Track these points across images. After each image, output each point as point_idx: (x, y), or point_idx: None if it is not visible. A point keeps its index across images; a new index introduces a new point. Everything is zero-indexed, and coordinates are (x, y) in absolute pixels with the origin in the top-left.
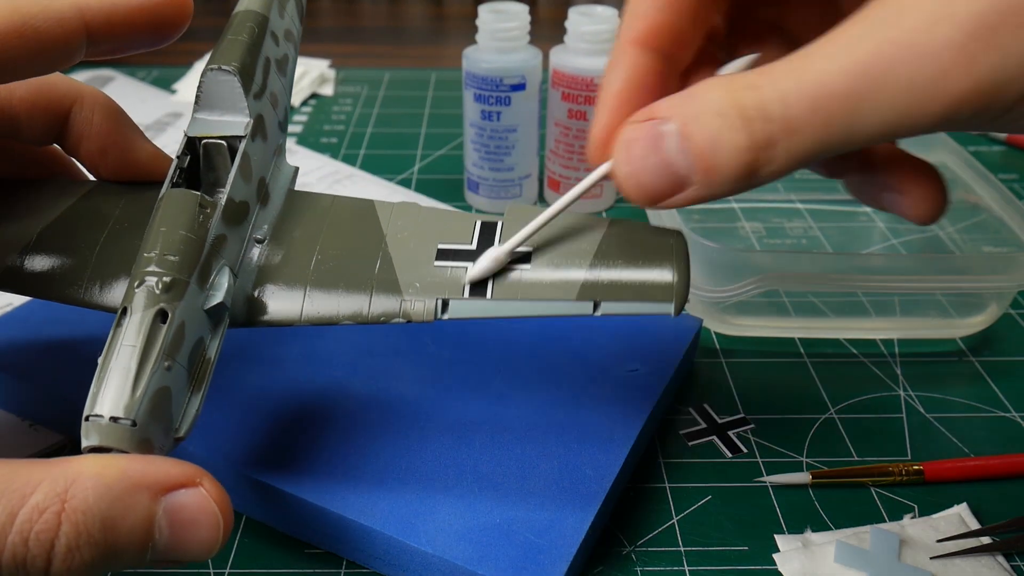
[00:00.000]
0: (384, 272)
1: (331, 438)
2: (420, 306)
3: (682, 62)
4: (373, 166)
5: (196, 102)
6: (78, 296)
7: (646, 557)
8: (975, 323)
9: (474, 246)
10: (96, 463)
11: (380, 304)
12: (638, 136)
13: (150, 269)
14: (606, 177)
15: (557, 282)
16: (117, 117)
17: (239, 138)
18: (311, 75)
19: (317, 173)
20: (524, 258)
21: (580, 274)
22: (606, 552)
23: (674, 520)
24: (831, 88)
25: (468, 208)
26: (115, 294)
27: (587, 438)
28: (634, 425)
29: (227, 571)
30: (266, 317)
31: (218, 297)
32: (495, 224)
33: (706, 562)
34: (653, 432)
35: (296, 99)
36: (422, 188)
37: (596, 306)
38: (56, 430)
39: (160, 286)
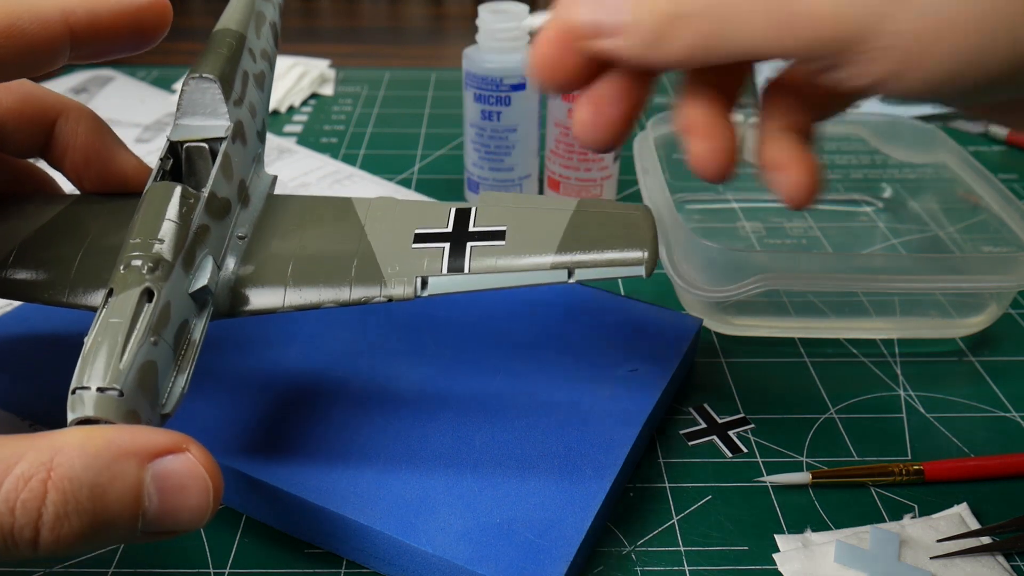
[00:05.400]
0: (363, 258)
1: (331, 437)
2: (400, 286)
3: None
4: (373, 166)
5: (178, 109)
6: (62, 298)
7: (646, 557)
8: (975, 323)
9: (450, 228)
10: (81, 433)
11: (361, 286)
12: None
13: (136, 253)
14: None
15: (532, 253)
16: (101, 129)
17: (220, 140)
18: (311, 75)
19: (317, 173)
20: (497, 236)
21: (552, 246)
22: (606, 552)
23: (674, 520)
24: None
25: None
26: (98, 297)
27: (587, 438)
28: (634, 425)
29: (227, 571)
30: (249, 306)
31: (202, 281)
32: (469, 209)
33: (706, 562)
34: (653, 432)
35: (296, 99)
36: (422, 188)
37: (571, 273)
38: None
39: (146, 267)
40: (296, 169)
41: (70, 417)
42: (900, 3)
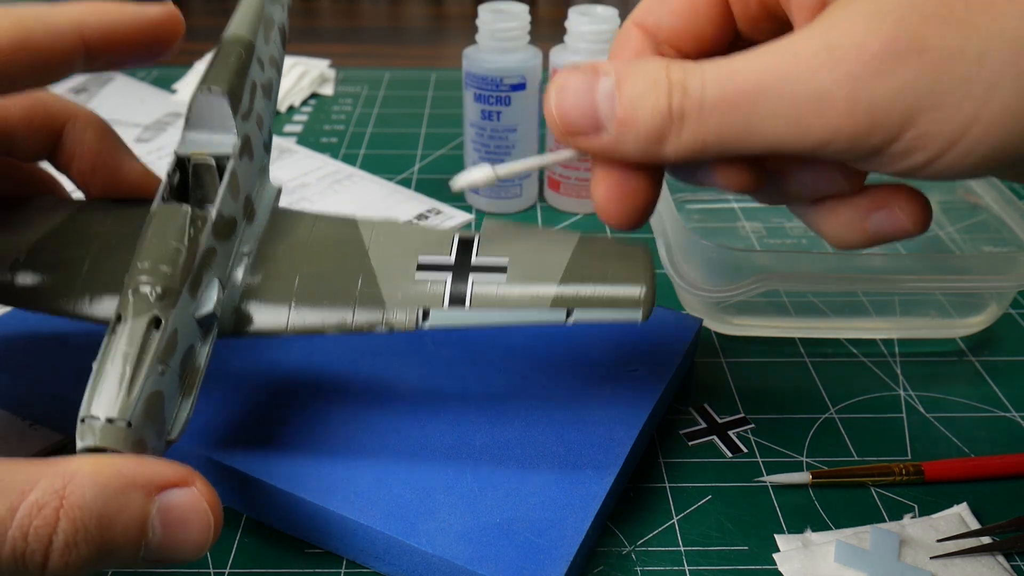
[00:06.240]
0: (367, 284)
1: (331, 437)
2: (402, 316)
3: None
4: (373, 166)
5: (186, 122)
6: (69, 308)
7: (646, 557)
8: (975, 323)
9: (452, 259)
10: (93, 462)
11: (363, 314)
12: (577, 76)
13: (144, 278)
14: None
15: (531, 291)
16: (108, 137)
17: (227, 157)
18: (311, 75)
19: (317, 173)
20: (499, 270)
21: (553, 284)
22: (606, 552)
23: (674, 520)
24: (739, 82)
25: (468, 208)
26: (105, 306)
27: (587, 438)
28: (634, 425)
29: (227, 571)
30: (253, 327)
31: (208, 307)
32: (472, 239)
33: (706, 562)
34: (653, 432)
35: (296, 99)
36: (422, 188)
37: (569, 313)
38: (56, 430)
39: (154, 294)
40: (296, 169)
41: (79, 444)
42: (933, 100)
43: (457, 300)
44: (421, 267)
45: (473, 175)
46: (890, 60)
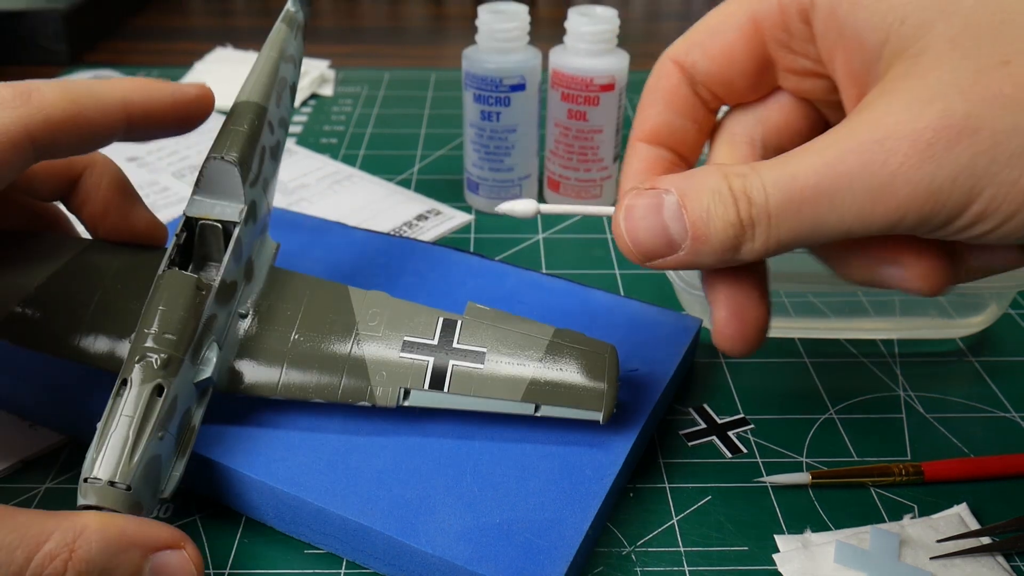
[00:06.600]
0: (355, 358)
1: (331, 437)
2: (385, 392)
3: (690, 157)
4: (373, 166)
5: (197, 185)
6: (72, 351)
7: (646, 557)
8: (975, 323)
9: (436, 341)
10: (100, 520)
11: (350, 386)
12: (641, 200)
13: (149, 345)
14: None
15: (506, 382)
16: (122, 185)
17: (234, 223)
18: (311, 75)
19: (317, 174)
20: (478, 358)
21: (526, 377)
22: (606, 552)
23: (674, 520)
24: (801, 183)
25: (467, 209)
26: (106, 350)
27: (587, 438)
28: (634, 425)
29: (227, 571)
30: (245, 387)
31: (207, 372)
32: (455, 322)
33: (706, 562)
34: (653, 432)
35: (296, 99)
36: (422, 188)
37: (537, 407)
38: (56, 430)
39: (158, 362)
40: (296, 170)
41: (80, 501)
42: (991, 177)
43: (436, 386)
44: (406, 346)
45: (516, 205)
46: (942, 145)
